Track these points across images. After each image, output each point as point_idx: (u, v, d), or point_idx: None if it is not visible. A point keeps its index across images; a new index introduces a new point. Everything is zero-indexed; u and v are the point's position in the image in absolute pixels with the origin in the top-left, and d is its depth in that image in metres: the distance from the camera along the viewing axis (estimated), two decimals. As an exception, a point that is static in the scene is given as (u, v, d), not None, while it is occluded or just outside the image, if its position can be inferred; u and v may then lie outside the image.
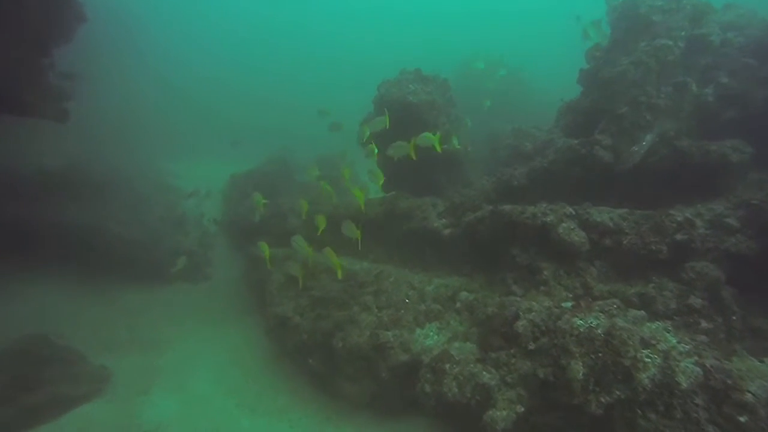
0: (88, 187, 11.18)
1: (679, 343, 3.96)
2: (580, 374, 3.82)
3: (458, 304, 6.71)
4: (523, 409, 4.31)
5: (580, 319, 4.13)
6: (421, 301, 6.87)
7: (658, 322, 4.38)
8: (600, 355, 3.77)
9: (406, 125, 8.42)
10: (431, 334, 6.47)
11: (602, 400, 3.70)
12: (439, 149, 6.37)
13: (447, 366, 5.12)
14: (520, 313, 4.80)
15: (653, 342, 3.78)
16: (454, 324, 6.48)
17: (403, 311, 6.64)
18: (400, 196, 8.52)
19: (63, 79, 8.89)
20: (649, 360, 3.73)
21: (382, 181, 6.99)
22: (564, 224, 5.53)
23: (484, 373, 4.82)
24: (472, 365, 4.99)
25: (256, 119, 25.43)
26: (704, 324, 4.44)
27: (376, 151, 7.48)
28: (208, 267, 11.96)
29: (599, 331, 3.90)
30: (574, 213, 5.63)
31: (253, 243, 9.40)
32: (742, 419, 3.32)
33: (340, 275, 6.22)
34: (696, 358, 3.74)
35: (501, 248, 6.54)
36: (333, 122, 11.38)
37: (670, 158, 5.87)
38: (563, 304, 4.90)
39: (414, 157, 6.90)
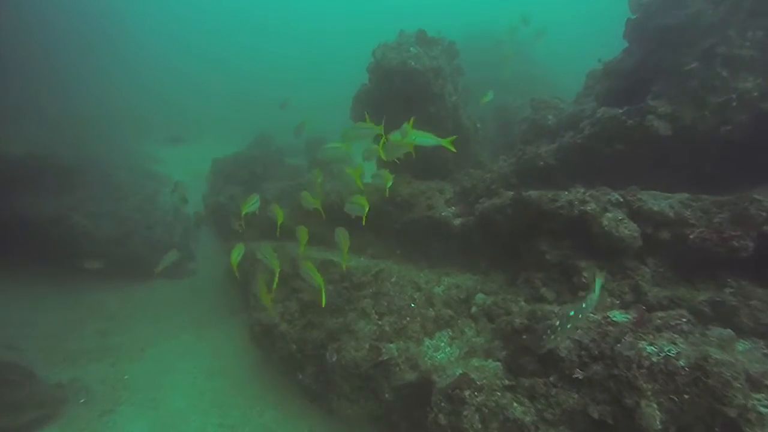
0: (51, 174, 9.99)
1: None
2: (657, 422, 2.80)
3: (474, 309, 5.68)
4: (569, 457, 3.31)
5: (649, 344, 3.10)
6: (428, 305, 5.83)
7: (744, 342, 3.35)
8: (686, 397, 2.76)
9: (408, 97, 7.25)
10: (442, 345, 5.45)
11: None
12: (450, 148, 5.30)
13: (467, 393, 4.09)
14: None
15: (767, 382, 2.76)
16: (470, 333, 5.46)
17: (408, 318, 5.60)
18: (401, 180, 7.39)
19: None
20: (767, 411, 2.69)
21: (390, 183, 5.86)
22: (609, 214, 4.44)
23: (516, 405, 3.80)
24: (499, 393, 3.97)
25: (243, 104, 24.11)
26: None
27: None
28: (191, 261, 10.89)
29: (682, 363, 2.87)
30: (621, 200, 4.54)
31: (237, 236, 8.31)
32: None
33: (323, 294, 5.01)
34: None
35: (525, 242, 5.46)
36: (297, 125, 9.82)
37: (750, 127, 4.66)
38: (613, 315, 3.85)
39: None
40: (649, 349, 3.05)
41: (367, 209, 5.41)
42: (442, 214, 6.54)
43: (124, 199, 11.12)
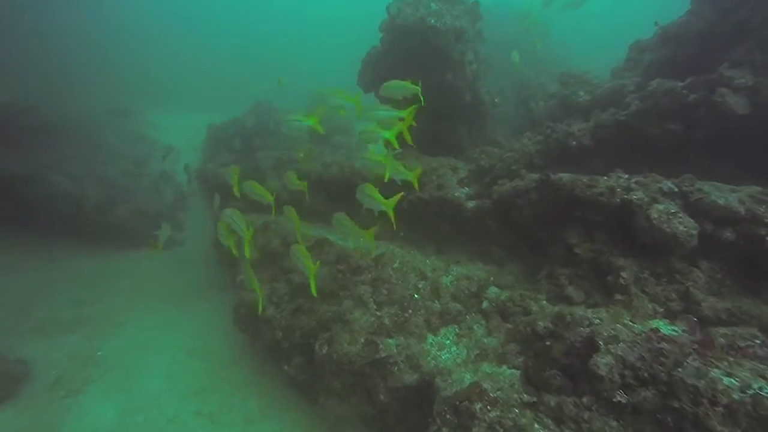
0: (28, 129, 9.22)
1: None
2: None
3: (485, 304, 5.01)
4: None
5: (725, 374, 2.43)
6: (434, 297, 5.16)
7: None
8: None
9: (423, 62, 6.41)
10: (447, 343, 4.80)
11: None
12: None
13: (477, 407, 3.45)
14: (600, 342, 3.08)
15: None
16: (480, 332, 4.80)
17: (410, 311, 4.94)
18: (408, 155, 6.63)
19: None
20: None
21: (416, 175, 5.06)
22: (660, 206, 3.71)
23: (538, 427, 3.16)
24: (517, 411, 3.33)
25: (246, 73, 23.03)
26: None
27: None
28: (180, 231, 10.22)
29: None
30: (675, 190, 3.80)
31: (226, 207, 7.60)
32: None
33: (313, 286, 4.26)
34: None
35: (549, 232, 4.76)
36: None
37: None
38: (660, 326, 3.16)
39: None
40: (727, 381, 2.38)
41: (392, 206, 4.58)
42: (455, 194, 5.80)
43: (111, 162, 10.39)
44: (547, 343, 3.71)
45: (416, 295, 5.14)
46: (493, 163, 5.94)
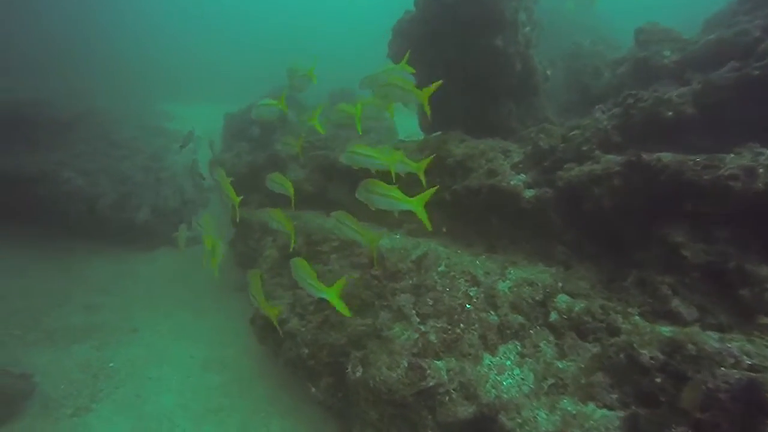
0: (40, 127, 8.73)
1: None
2: None
3: (554, 316, 4.06)
4: None
5: None
6: (490, 307, 4.25)
7: None
8: None
9: (467, 24, 5.41)
10: (509, 364, 3.89)
11: None
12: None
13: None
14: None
15: None
16: (550, 352, 3.86)
17: (462, 325, 4.05)
18: (452, 136, 5.67)
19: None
20: None
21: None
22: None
23: None
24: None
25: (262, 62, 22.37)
26: None
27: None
28: (198, 228, 9.58)
29: None
30: None
31: (243, 203, 6.86)
32: None
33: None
34: None
35: (639, 228, 3.75)
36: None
37: None
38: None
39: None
40: None
41: (421, 204, 3.72)
42: (511, 183, 4.83)
43: (128, 157, 9.84)
44: (657, 379, 2.75)
45: (468, 305, 4.23)
46: (555, 144, 4.92)
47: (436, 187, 3.70)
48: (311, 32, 27.71)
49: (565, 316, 3.95)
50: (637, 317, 3.49)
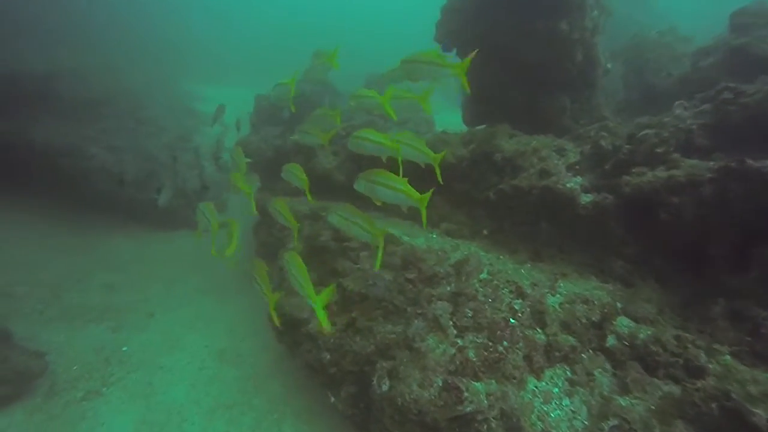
0: (70, 101, 8.62)
1: None
2: None
3: (612, 341, 3.54)
4: None
5: None
6: (537, 324, 3.76)
7: None
8: None
9: (527, 4, 4.86)
10: (556, 392, 3.40)
11: None
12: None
13: None
14: None
15: None
16: (606, 383, 3.35)
17: (506, 342, 3.57)
18: (501, 130, 5.14)
19: None
20: None
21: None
22: None
23: None
24: None
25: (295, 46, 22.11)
26: None
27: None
28: (222, 211, 9.39)
29: None
30: None
31: (269, 189, 6.51)
32: None
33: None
34: None
35: (733, 247, 3.17)
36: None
37: None
38: None
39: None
40: None
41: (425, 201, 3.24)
42: (567, 185, 4.29)
43: (155, 135, 9.68)
44: (762, 436, 2.22)
45: (512, 320, 3.75)
46: (619, 145, 4.34)
47: (431, 190, 3.26)
48: (352, 13, 27.25)
49: (626, 343, 3.42)
50: (728, 357, 2.93)
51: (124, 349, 5.77)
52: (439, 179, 3.74)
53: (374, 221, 3.51)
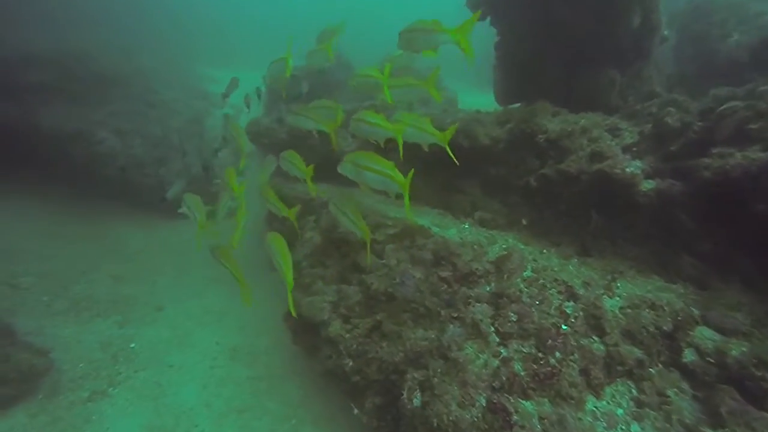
0: (80, 82, 8.23)
1: None
2: None
3: (690, 356, 2.99)
4: None
5: None
6: (593, 331, 3.23)
7: None
8: None
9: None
10: (620, 413, 2.89)
11: None
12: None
13: None
14: None
15: None
16: (685, 407, 2.81)
17: (558, 353, 3.05)
18: (542, 108, 4.53)
19: None
20: None
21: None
22: None
23: None
24: None
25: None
26: None
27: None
28: (233, 199, 8.95)
29: None
30: None
31: (282, 175, 6.02)
32: None
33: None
34: None
35: None
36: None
37: None
38: None
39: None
40: None
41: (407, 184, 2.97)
42: (627, 170, 3.69)
43: (165, 118, 9.25)
44: None
45: (564, 326, 3.23)
46: (689, 122, 3.71)
47: (411, 172, 3.04)
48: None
49: (710, 360, 2.87)
50: None
51: (132, 345, 5.44)
52: (453, 159, 3.47)
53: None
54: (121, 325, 5.77)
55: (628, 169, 3.70)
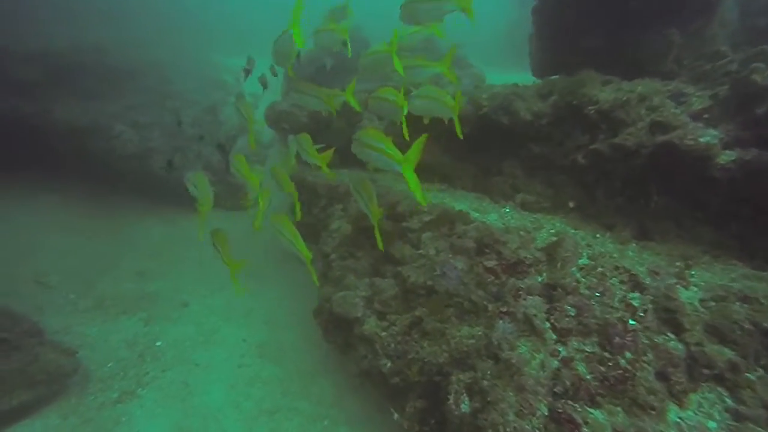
0: (94, 75, 8.09)
1: None
2: None
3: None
4: None
5: None
6: (667, 327, 2.81)
7: None
8: None
9: None
10: (712, 426, 2.47)
11: None
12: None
13: None
14: None
15: None
16: (792, 414, 2.38)
17: (629, 353, 2.65)
18: (590, 77, 4.03)
19: None
20: None
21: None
22: None
23: None
24: None
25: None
26: None
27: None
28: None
29: None
30: None
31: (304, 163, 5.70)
32: None
33: None
34: None
35: None
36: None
37: None
38: None
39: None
40: None
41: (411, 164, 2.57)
42: (701, 140, 3.20)
43: (182, 109, 9.04)
44: None
45: (632, 321, 2.81)
46: (776, 79, 3.17)
47: (425, 136, 2.50)
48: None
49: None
50: None
51: (158, 343, 5.29)
52: (458, 132, 3.16)
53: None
54: (146, 323, 5.62)
55: (702, 139, 3.21)
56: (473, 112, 4.25)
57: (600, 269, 3.11)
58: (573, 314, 2.89)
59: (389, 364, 3.30)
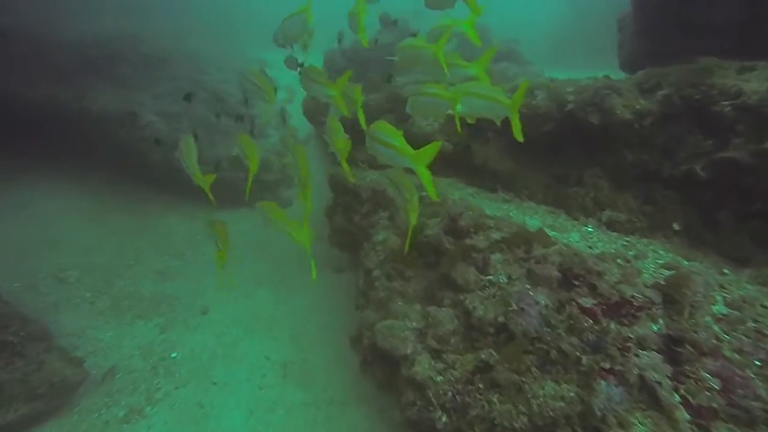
0: (128, 64, 7.78)
1: None
2: None
3: None
4: None
5: None
6: None
7: None
8: None
9: None
10: None
11: None
12: None
13: None
14: None
15: None
16: None
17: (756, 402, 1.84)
18: (716, 64, 3.20)
19: None
20: None
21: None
22: None
23: None
24: None
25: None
26: None
27: None
28: (287, 188, 8.26)
29: None
30: None
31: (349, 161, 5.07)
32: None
33: None
34: None
35: None
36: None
37: None
38: None
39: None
40: None
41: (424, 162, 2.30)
42: None
43: (212, 101, 8.62)
44: None
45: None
46: None
47: (438, 143, 2.31)
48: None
49: None
50: None
51: (174, 355, 4.78)
52: (517, 135, 2.47)
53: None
54: (162, 329, 5.14)
55: None
56: (556, 109, 3.50)
57: (750, 323, 2.32)
58: (717, 387, 2.11)
59: (445, 419, 2.60)
